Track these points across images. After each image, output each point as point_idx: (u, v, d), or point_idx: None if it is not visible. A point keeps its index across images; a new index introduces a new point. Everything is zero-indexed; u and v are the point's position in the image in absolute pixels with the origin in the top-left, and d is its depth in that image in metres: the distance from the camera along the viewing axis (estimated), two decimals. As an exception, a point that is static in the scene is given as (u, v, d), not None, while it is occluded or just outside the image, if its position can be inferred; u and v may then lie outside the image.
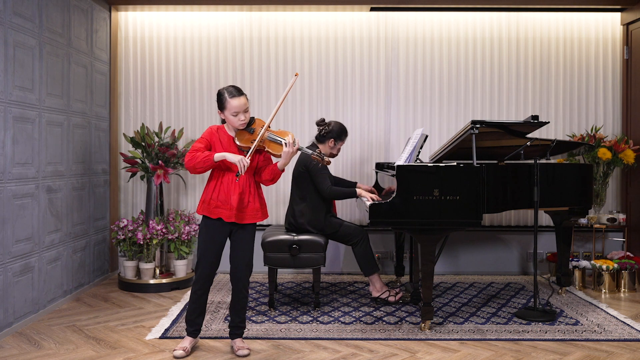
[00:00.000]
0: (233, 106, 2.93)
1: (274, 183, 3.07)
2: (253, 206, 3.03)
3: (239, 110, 2.94)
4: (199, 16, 5.06)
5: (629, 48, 4.96)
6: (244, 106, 2.95)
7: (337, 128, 4.05)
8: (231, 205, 2.96)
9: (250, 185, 3.02)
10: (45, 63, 3.80)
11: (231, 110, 2.94)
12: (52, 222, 3.89)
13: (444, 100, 5.07)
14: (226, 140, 3.01)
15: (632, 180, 4.90)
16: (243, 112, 2.96)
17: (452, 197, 3.38)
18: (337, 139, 4.06)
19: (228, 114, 2.96)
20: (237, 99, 2.94)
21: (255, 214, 3.04)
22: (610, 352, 3.13)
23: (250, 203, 3.01)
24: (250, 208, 3.02)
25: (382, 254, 5.03)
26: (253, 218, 3.03)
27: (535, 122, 3.62)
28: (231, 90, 2.96)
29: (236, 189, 2.97)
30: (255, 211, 3.03)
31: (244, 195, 2.99)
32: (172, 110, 5.08)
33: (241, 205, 2.98)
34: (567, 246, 4.27)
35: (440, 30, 5.06)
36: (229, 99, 2.94)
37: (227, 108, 2.95)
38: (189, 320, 3.11)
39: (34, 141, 3.66)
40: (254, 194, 3.04)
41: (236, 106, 2.93)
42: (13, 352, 3.11)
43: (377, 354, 3.11)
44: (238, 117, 2.95)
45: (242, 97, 2.96)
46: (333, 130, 4.03)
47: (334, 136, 4.04)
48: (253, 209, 3.03)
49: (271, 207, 5.08)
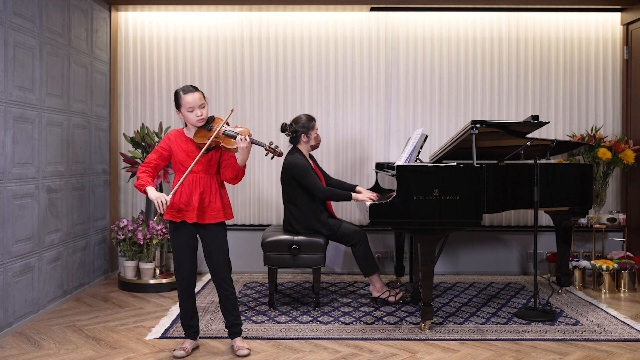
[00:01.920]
0: (187, 102, 2.93)
1: (239, 181, 3.05)
2: (214, 206, 3.00)
3: (194, 106, 2.93)
4: (199, 16, 5.06)
5: (629, 48, 4.96)
6: (199, 101, 2.94)
7: (301, 122, 3.96)
8: (193, 206, 2.95)
9: (212, 185, 3.00)
10: (45, 63, 3.80)
11: (186, 106, 2.94)
12: (52, 222, 3.89)
13: (444, 100, 5.07)
14: (184, 142, 3.01)
15: (632, 180, 4.90)
16: (199, 108, 2.95)
17: (452, 197, 3.38)
18: (307, 132, 3.96)
19: (184, 110, 2.96)
20: (191, 94, 2.94)
21: (216, 213, 3.01)
22: (610, 352, 3.13)
23: (211, 203, 2.99)
24: (211, 208, 2.99)
25: (382, 254, 5.03)
26: (215, 218, 3.00)
27: (535, 122, 3.62)
28: (186, 88, 2.98)
29: (197, 188, 2.96)
30: (216, 211, 3.01)
31: (204, 195, 2.97)
32: (172, 110, 5.08)
33: (202, 205, 2.97)
34: (567, 246, 4.27)
35: (440, 30, 5.06)
36: (183, 96, 2.94)
37: (182, 105, 2.95)
38: (184, 325, 3.12)
39: (34, 141, 3.66)
40: (215, 194, 3.01)
41: (190, 101, 2.93)
42: (13, 352, 3.11)
43: (377, 354, 3.11)
44: (194, 113, 2.94)
45: (197, 92, 2.96)
46: (298, 126, 3.96)
47: (302, 131, 3.96)
48: (214, 209, 3.00)
49: (271, 207, 5.08)
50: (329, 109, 5.07)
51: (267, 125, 5.06)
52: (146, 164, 2.98)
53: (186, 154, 2.98)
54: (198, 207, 2.96)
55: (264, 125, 5.06)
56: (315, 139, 4.03)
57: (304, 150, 4.00)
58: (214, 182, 3.02)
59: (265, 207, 5.09)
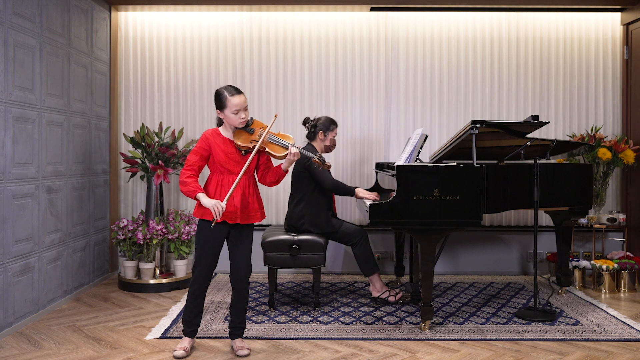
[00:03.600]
0: (234, 104, 2.94)
1: (277, 184, 3.12)
2: (253, 207, 3.05)
3: (240, 108, 2.96)
4: (199, 16, 5.06)
5: (629, 48, 4.96)
6: (245, 104, 2.98)
7: (323, 120, 4.05)
8: (236, 207, 2.96)
9: (250, 185, 3.03)
10: (45, 63, 3.80)
11: (232, 108, 2.95)
12: (52, 222, 3.89)
13: (444, 100, 5.07)
14: (222, 143, 3.01)
15: (632, 180, 4.90)
16: (243, 110, 2.98)
17: (452, 197, 3.38)
18: (325, 130, 4.03)
19: (228, 112, 2.96)
20: (238, 96, 2.96)
21: (254, 214, 3.06)
22: (610, 352, 3.13)
23: (249, 204, 3.03)
24: (250, 208, 3.03)
25: (382, 254, 5.03)
26: (253, 218, 3.06)
27: (535, 122, 3.62)
28: (231, 89, 2.98)
29: (238, 190, 2.97)
30: (254, 211, 3.06)
31: (245, 196, 3.00)
32: (172, 110, 5.08)
33: (244, 205, 3.00)
34: (567, 246, 4.27)
35: (440, 30, 5.06)
36: (230, 97, 2.95)
37: (227, 106, 2.96)
38: (187, 321, 3.11)
39: (34, 141, 3.66)
40: (254, 194, 3.06)
41: (237, 104, 2.95)
42: (13, 352, 3.11)
43: (377, 354, 3.11)
44: (239, 115, 2.96)
45: (242, 95, 2.99)
46: (319, 123, 4.03)
47: (321, 128, 4.02)
48: (253, 209, 3.05)
49: (271, 207, 5.09)
50: (329, 109, 5.06)
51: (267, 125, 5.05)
52: (190, 168, 2.96)
53: (225, 155, 2.99)
54: (241, 208, 2.97)
55: (264, 125, 5.06)
56: (331, 141, 4.10)
57: (318, 147, 4.06)
58: (252, 183, 3.05)
59: (266, 207, 5.08)
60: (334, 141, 4.13)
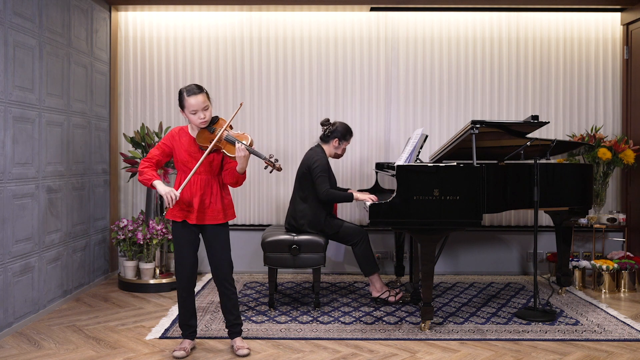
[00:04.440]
0: (191, 104, 2.90)
1: (239, 185, 3.05)
2: (215, 207, 3.00)
3: (197, 109, 2.91)
4: (199, 16, 5.06)
5: (629, 48, 4.96)
6: (202, 104, 2.92)
7: (341, 128, 4.06)
8: (193, 208, 2.95)
9: (213, 186, 3.00)
10: (45, 63, 3.80)
11: (190, 108, 2.91)
12: (52, 222, 3.89)
13: (444, 100, 5.07)
14: (186, 142, 3.00)
15: (632, 180, 4.90)
16: (202, 110, 2.92)
17: (452, 197, 3.38)
18: (341, 139, 4.07)
19: (187, 112, 2.94)
20: (195, 97, 2.90)
21: (216, 215, 3.00)
22: (610, 352, 3.13)
23: (212, 204, 2.99)
24: (211, 209, 2.99)
25: (382, 254, 5.03)
26: (214, 219, 3.00)
27: (535, 122, 3.62)
28: (190, 89, 2.93)
29: (198, 190, 2.96)
30: (216, 212, 3.00)
31: (205, 197, 2.97)
32: (172, 110, 5.08)
33: (202, 206, 2.97)
34: (567, 246, 4.27)
35: (440, 30, 5.06)
36: (187, 97, 2.91)
37: (185, 106, 2.93)
38: (182, 325, 3.11)
39: (34, 141, 3.66)
40: (217, 195, 3.01)
41: (194, 104, 2.90)
42: (13, 352, 3.11)
43: (377, 354, 3.11)
44: (197, 116, 2.92)
45: (200, 94, 2.92)
46: (337, 129, 4.05)
47: (338, 136, 4.05)
48: (214, 210, 3.00)
49: (271, 207, 5.09)
50: (329, 109, 5.06)
51: (267, 125, 5.06)
52: (148, 159, 2.98)
53: (189, 154, 2.98)
54: (198, 209, 2.96)
55: (264, 125, 5.06)
56: (342, 150, 4.12)
57: (328, 152, 4.07)
58: (215, 183, 3.01)
59: (266, 207, 5.09)
60: (344, 151, 4.16)
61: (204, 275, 4.91)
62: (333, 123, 4.08)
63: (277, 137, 5.06)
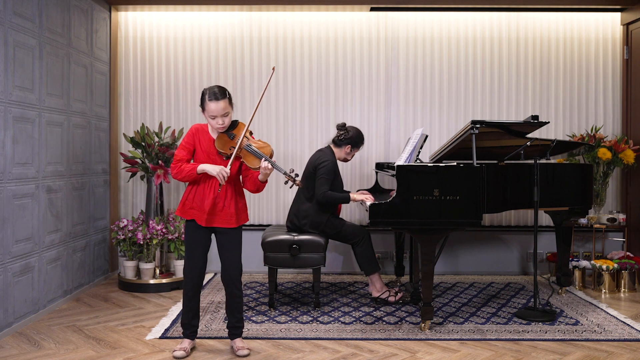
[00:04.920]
0: (210, 109, 2.89)
1: (259, 192, 3.07)
2: (227, 211, 2.98)
3: (217, 115, 2.89)
4: (199, 16, 5.06)
5: (629, 48, 4.96)
6: (222, 111, 2.89)
7: (355, 135, 4.07)
8: (204, 210, 2.95)
9: (227, 190, 2.99)
10: (45, 63, 3.80)
11: (209, 112, 2.90)
12: (52, 222, 3.89)
13: (444, 100, 5.07)
14: (206, 142, 2.99)
15: (632, 180, 4.90)
16: (221, 117, 2.91)
17: (452, 197, 3.38)
18: (354, 146, 4.09)
19: (207, 115, 2.93)
20: (215, 103, 2.87)
21: (228, 219, 2.99)
22: (610, 352, 3.13)
23: (225, 208, 2.98)
24: (224, 212, 2.98)
25: (382, 254, 5.03)
26: (225, 223, 2.99)
27: (535, 122, 3.62)
28: (212, 92, 2.90)
29: (210, 193, 2.95)
30: (229, 216, 2.99)
31: (218, 200, 2.97)
32: (172, 110, 5.08)
33: (214, 209, 2.96)
34: (567, 246, 4.27)
35: (440, 30, 5.06)
36: (208, 102, 2.89)
37: (205, 109, 2.92)
38: (184, 324, 3.11)
39: (34, 141, 3.66)
40: (230, 199, 2.99)
41: (213, 110, 2.88)
42: (13, 352, 3.11)
43: (377, 354, 3.11)
44: (216, 121, 2.91)
45: (222, 101, 2.88)
46: (352, 137, 4.06)
47: (351, 143, 4.06)
48: (227, 214, 2.98)
49: (271, 207, 5.09)
50: (329, 109, 5.07)
51: (267, 125, 5.07)
52: (179, 162, 2.96)
53: (207, 155, 2.97)
54: (208, 211, 2.95)
55: (264, 125, 5.06)
56: (352, 156, 4.14)
57: (337, 155, 4.09)
58: (230, 188, 2.99)
59: (266, 207, 5.09)
60: (353, 156, 4.18)
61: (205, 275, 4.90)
62: (348, 129, 4.07)
63: (277, 137, 5.06)
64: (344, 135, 4.05)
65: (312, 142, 5.05)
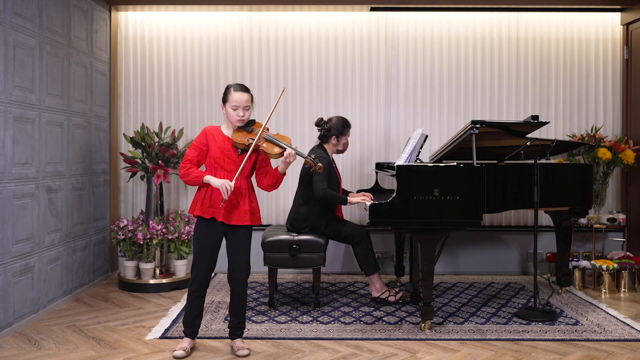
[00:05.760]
0: (234, 99, 2.96)
1: (276, 188, 3.08)
2: (242, 208, 3.00)
3: (239, 105, 2.96)
4: (199, 16, 5.06)
5: (629, 48, 4.96)
6: (245, 102, 2.97)
7: (337, 124, 4.02)
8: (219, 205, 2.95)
9: (242, 186, 3.00)
10: (45, 63, 3.80)
11: (232, 102, 2.97)
12: (52, 222, 3.89)
13: (444, 100, 5.07)
14: (220, 140, 3.01)
15: (632, 180, 4.90)
16: (243, 109, 2.97)
17: (452, 197, 3.38)
18: (338, 135, 4.03)
19: (228, 106, 2.98)
20: (240, 93, 2.97)
21: (243, 216, 3.00)
22: (610, 352, 3.13)
23: (240, 205, 2.99)
24: (239, 210, 3.00)
25: (382, 254, 5.03)
26: (240, 220, 3.00)
27: (535, 122, 3.62)
28: (237, 86, 3.01)
29: None
30: (244, 213, 3.00)
31: (233, 196, 2.97)
32: (172, 110, 5.08)
33: (230, 205, 2.97)
34: (567, 246, 4.27)
35: (440, 30, 5.06)
36: (232, 92, 2.98)
37: (228, 100, 2.98)
38: (186, 322, 3.11)
39: (34, 141, 3.66)
40: (245, 196, 3.01)
41: (237, 100, 2.96)
42: (13, 352, 3.11)
43: (377, 354, 3.11)
44: (237, 112, 2.96)
45: (246, 93, 2.99)
46: (332, 127, 4.01)
47: (335, 133, 4.01)
48: (242, 211, 3.00)
49: (271, 207, 5.09)
50: (329, 109, 5.06)
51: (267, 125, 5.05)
52: (188, 161, 2.99)
53: (221, 151, 2.99)
54: (226, 207, 2.96)
55: (264, 125, 5.06)
56: (343, 145, 4.08)
57: (329, 150, 4.04)
58: (244, 184, 3.02)
59: (266, 207, 5.09)
60: (346, 144, 4.12)
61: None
62: (327, 120, 4.03)
63: (277, 137, 5.06)
64: (324, 127, 4.01)
65: (312, 142, 5.04)
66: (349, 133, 4.09)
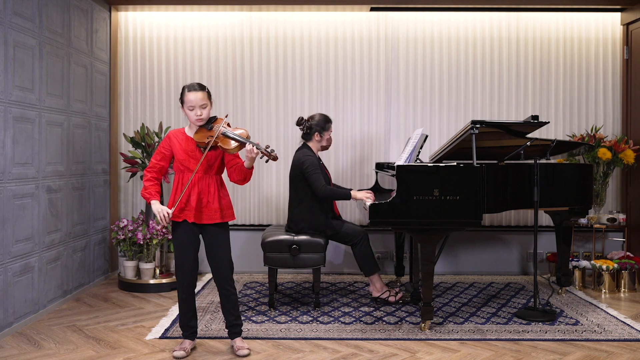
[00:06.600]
0: (189, 99, 2.95)
1: (246, 182, 3.06)
2: (212, 207, 2.99)
3: (195, 105, 2.95)
4: (199, 16, 5.06)
5: (629, 48, 4.96)
6: (201, 101, 2.96)
7: (317, 120, 4.01)
8: (190, 206, 2.96)
9: (210, 185, 3.00)
10: (45, 63, 3.80)
11: (188, 103, 2.96)
12: (52, 222, 3.89)
13: (444, 100, 5.07)
14: (184, 141, 3.02)
15: (632, 180, 4.90)
16: (199, 107, 2.96)
17: (452, 197, 3.38)
18: (321, 131, 4.01)
19: (185, 108, 2.99)
20: (194, 93, 2.96)
21: (214, 214, 3.00)
22: (610, 352, 3.13)
23: (209, 203, 2.99)
24: (209, 208, 2.99)
25: (382, 254, 5.03)
26: (210, 219, 3.00)
27: (535, 122, 3.62)
28: (191, 85, 3.00)
29: (195, 188, 2.97)
30: (214, 212, 3.00)
31: (202, 195, 2.98)
32: (172, 110, 5.08)
33: (199, 205, 2.97)
34: (567, 246, 4.27)
35: (440, 30, 5.06)
36: (187, 92, 2.97)
37: (185, 102, 2.98)
38: (183, 326, 3.11)
39: (34, 141, 3.66)
40: (214, 194, 3.01)
41: (192, 100, 2.95)
42: (13, 352, 3.11)
43: (377, 354, 3.11)
44: (194, 112, 2.96)
45: (200, 92, 2.97)
46: (313, 124, 3.99)
47: (317, 130, 4.00)
48: (212, 209, 2.99)
49: (271, 207, 5.09)
50: (329, 109, 5.06)
51: (267, 125, 5.07)
52: (151, 169, 3.03)
53: (186, 153, 2.99)
54: (195, 207, 2.96)
55: (264, 125, 5.07)
56: (327, 140, 4.07)
57: (314, 148, 4.03)
58: (212, 182, 3.02)
59: (266, 207, 5.09)
60: (330, 140, 4.10)
61: (204, 275, 4.91)
62: (309, 118, 4.03)
63: (277, 137, 5.06)
64: (305, 126, 4.00)
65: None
66: (331, 128, 4.08)
